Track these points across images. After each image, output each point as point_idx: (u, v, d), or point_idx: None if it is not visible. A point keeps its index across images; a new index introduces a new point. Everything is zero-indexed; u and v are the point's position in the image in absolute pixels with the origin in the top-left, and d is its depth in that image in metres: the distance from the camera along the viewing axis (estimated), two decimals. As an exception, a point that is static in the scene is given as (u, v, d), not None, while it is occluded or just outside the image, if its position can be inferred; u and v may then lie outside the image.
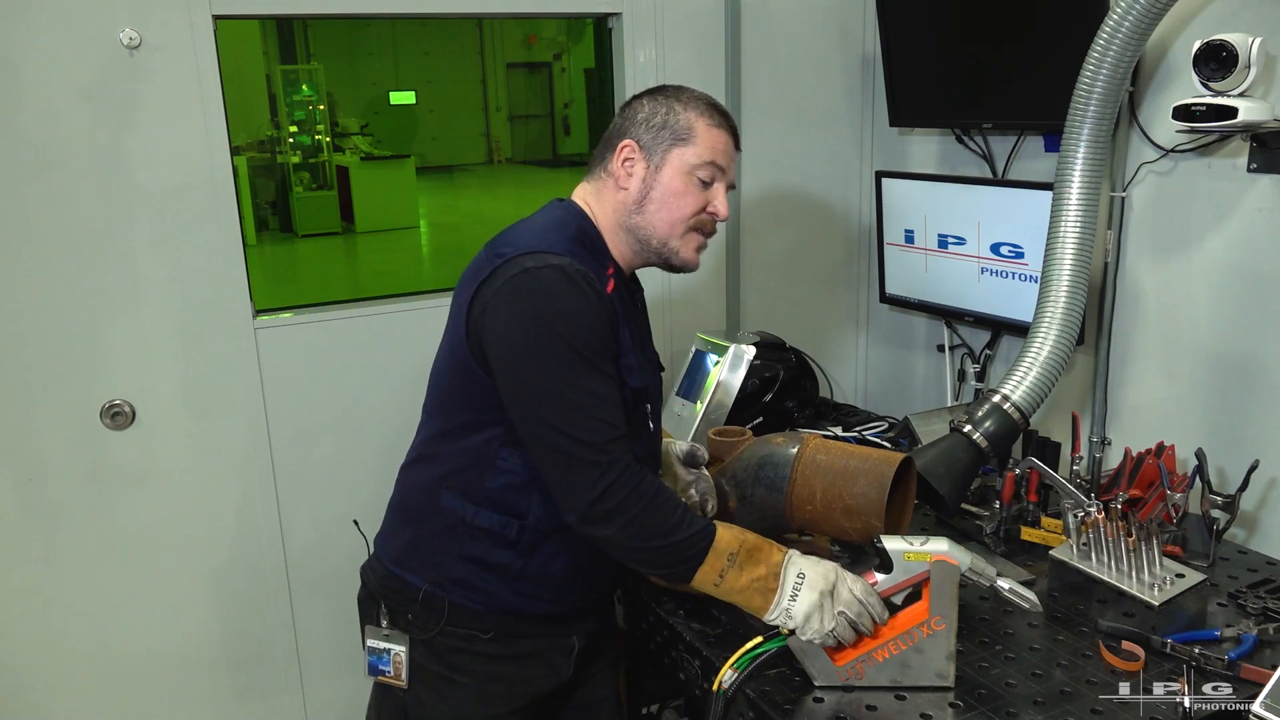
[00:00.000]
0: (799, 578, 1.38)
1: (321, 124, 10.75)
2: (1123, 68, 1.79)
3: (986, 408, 1.80)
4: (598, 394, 1.35)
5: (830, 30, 2.70)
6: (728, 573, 1.38)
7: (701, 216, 1.49)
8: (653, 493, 1.36)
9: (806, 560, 1.41)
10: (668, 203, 1.47)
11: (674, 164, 1.46)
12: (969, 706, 1.37)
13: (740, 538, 1.40)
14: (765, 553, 1.40)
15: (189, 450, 2.18)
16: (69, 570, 2.13)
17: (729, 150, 1.50)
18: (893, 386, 2.91)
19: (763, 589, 1.38)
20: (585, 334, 1.35)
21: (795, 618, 1.37)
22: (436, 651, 1.52)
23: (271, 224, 10.38)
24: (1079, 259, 1.85)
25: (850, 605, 1.37)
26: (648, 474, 1.38)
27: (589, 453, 1.34)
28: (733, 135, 1.52)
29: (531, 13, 2.50)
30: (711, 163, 1.47)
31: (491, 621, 1.50)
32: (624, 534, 1.36)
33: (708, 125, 1.48)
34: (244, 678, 2.34)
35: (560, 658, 1.58)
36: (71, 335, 2.04)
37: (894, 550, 1.40)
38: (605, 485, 1.33)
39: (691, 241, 1.51)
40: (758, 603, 1.39)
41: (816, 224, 2.83)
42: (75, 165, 1.97)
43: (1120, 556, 1.70)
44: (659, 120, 1.48)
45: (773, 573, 1.39)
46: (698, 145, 1.46)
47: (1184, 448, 1.91)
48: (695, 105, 1.49)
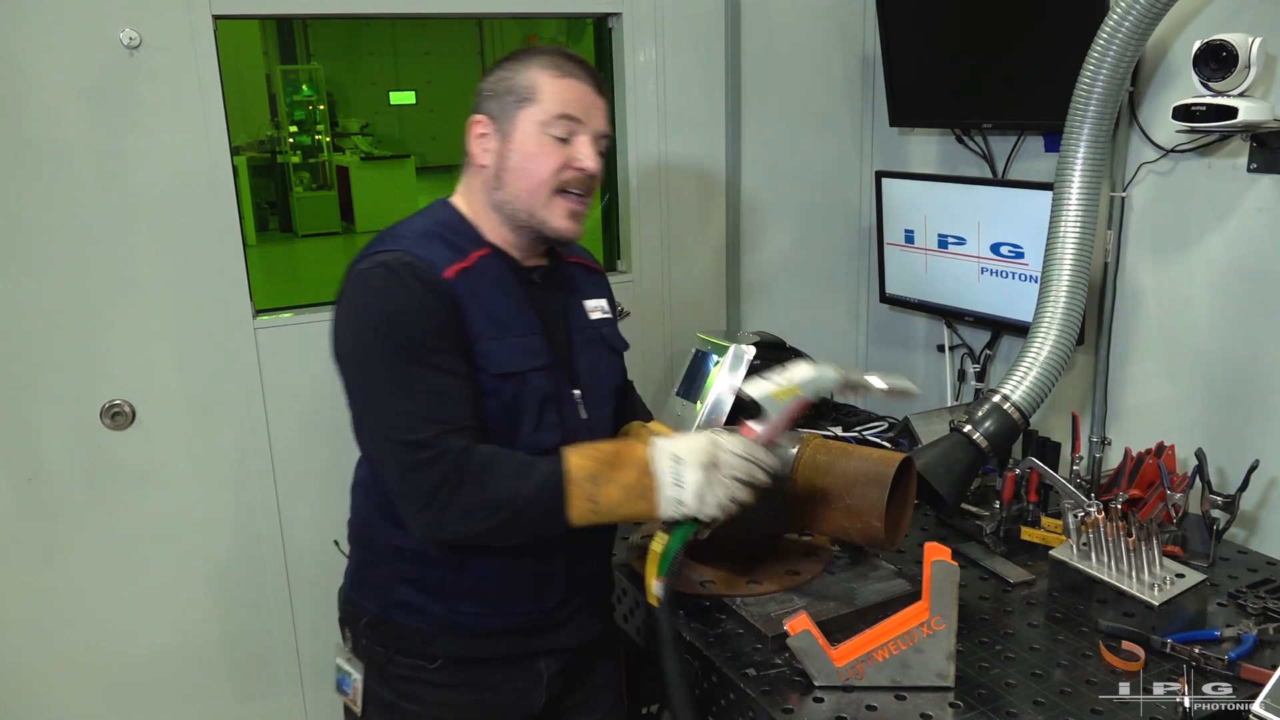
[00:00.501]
0: (675, 461, 1.29)
1: (321, 124, 10.75)
2: (1123, 68, 1.79)
3: (986, 408, 1.80)
4: (428, 389, 1.28)
5: (830, 30, 2.69)
6: (598, 495, 1.29)
7: (564, 175, 1.36)
8: (479, 467, 1.28)
9: (676, 442, 1.32)
10: (523, 169, 1.36)
11: (524, 126, 1.35)
12: (969, 706, 1.37)
13: (595, 454, 1.31)
14: (628, 455, 1.31)
15: (189, 450, 2.18)
16: (69, 570, 2.13)
17: (583, 98, 1.37)
18: (893, 386, 2.90)
19: (641, 491, 1.30)
20: (409, 329, 1.28)
21: (688, 502, 1.29)
22: (387, 679, 1.48)
23: (271, 224, 10.37)
24: (1079, 259, 1.85)
25: (737, 467, 1.29)
26: (474, 450, 1.28)
27: (413, 453, 1.27)
28: (589, 81, 1.38)
29: (531, 13, 2.50)
30: (563, 115, 1.35)
31: (441, 646, 1.44)
32: (471, 523, 1.29)
33: (553, 77, 1.36)
34: (244, 678, 2.34)
35: (527, 685, 1.49)
36: (71, 335, 2.04)
37: (760, 395, 1.32)
38: (433, 484, 1.27)
39: (559, 207, 1.37)
40: (644, 507, 1.31)
41: (816, 224, 2.83)
42: (75, 165, 1.97)
43: (1120, 556, 1.70)
44: (503, 87, 1.37)
45: (643, 470, 1.30)
46: (545, 100, 1.35)
47: (1184, 448, 1.91)
48: (537, 60, 1.37)
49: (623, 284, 2.60)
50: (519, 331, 1.38)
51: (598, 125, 1.39)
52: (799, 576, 1.69)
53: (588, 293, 1.55)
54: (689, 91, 2.56)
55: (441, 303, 1.31)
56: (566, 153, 1.36)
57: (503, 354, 1.35)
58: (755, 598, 1.63)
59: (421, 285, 1.30)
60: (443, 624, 1.43)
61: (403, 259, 1.31)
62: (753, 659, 1.50)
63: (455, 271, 1.33)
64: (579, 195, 1.39)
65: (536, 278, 1.46)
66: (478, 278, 1.36)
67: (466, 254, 1.37)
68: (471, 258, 1.37)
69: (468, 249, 1.38)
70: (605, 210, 2.73)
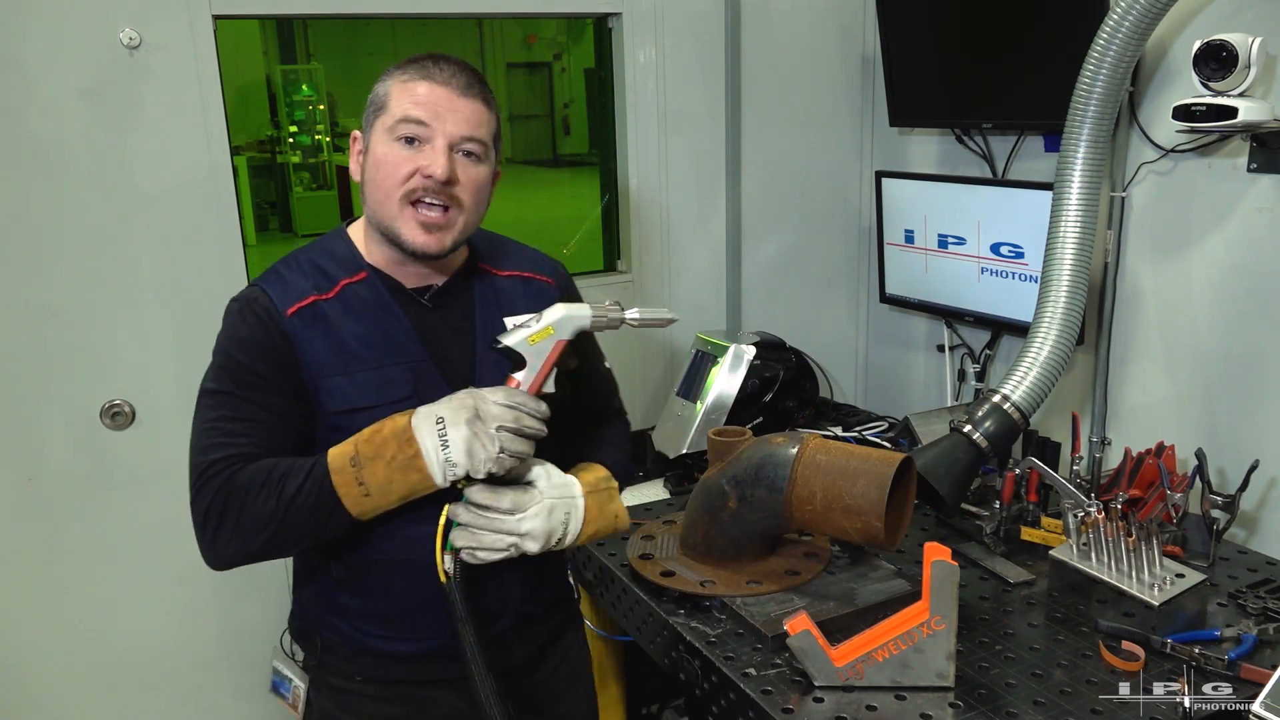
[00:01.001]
0: (438, 423, 1.23)
1: (321, 124, 10.74)
2: (1123, 68, 1.79)
3: (986, 408, 1.80)
4: (237, 417, 1.28)
5: (830, 30, 2.70)
6: (364, 477, 1.23)
7: (413, 182, 1.29)
8: (244, 484, 1.24)
9: (436, 405, 1.26)
10: (374, 180, 1.30)
11: (375, 137, 1.31)
12: (969, 706, 1.37)
13: (355, 437, 1.26)
14: (386, 429, 1.25)
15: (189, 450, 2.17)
16: (69, 570, 2.13)
17: (432, 99, 1.28)
18: (893, 386, 2.91)
19: (406, 462, 1.23)
20: (227, 360, 1.31)
21: (459, 462, 1.23)
22: (323, 689, 1.46)
23: (271, 224, 10.36)
24: (1079, 259, 1.85)
25: (503, 416, 1.24)
26: (238, 470, 1.25)
27: (194, 479, 1.26)
28: (448, 83, 1.30)
29: (531, 13, 2.51)
30: (406, 118, 1.28)
31: (363, 664, 1.41)
32: (245, 541, 1.25)
33: (402, 83, 1.30)
34: (244, 678, 2.34)
35: (465, 704, 1.34)
36: (71, 335, 2.04)
37: (516, 343, 1.29)
38: (203, 512, 1.25)
39: (410, 218, 1.30)
40: (415, 479, 1.24)
41: (816, 224, 2.83)
42: (75, 165, 1.98)
43: (1120, 556, 1.70)
44: (369, 100, 1.34)
45: (404, 439, 1.23)
46: (390, 108, 1.29)
47: (1184, 448, 1.91)
48: (397, 69, 1.32)
49: (623, 284, 2.60)
50: (372, 364, 1.32)
51: (454, 130, 1.29)
52: (799, 576, 1.69)
53: (517, 307, 1.44)
54: (689, 91, 2.56)
55: (273, 341, 1.30)
56: (413, 158, 1.28)
57: (349, 389, 1.31)
58: (755, 598, 1.63)
59: (258, 321, 1.31)
60: (355, 644, 1.41)
61: (253, 294, 1.34)
62: (753, 659, 1.50)
63: (300, 308, 1.31)
64: (433, 205, 1.30)
65: (427, 299, 1.40)
66: (337, 309, 1.33)
67: (335, 283, 1.35)
68: (336, 288, 1.34)
69: (338, 277, 1.35)
70: (605, 210, 2.73)
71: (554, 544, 1.36)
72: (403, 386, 1.34)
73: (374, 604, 1.39)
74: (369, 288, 1.36)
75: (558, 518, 1.35)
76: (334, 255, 1.38)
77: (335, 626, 1.42)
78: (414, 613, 1.38)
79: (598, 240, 2.77)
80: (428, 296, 1.40)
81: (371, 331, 1.34)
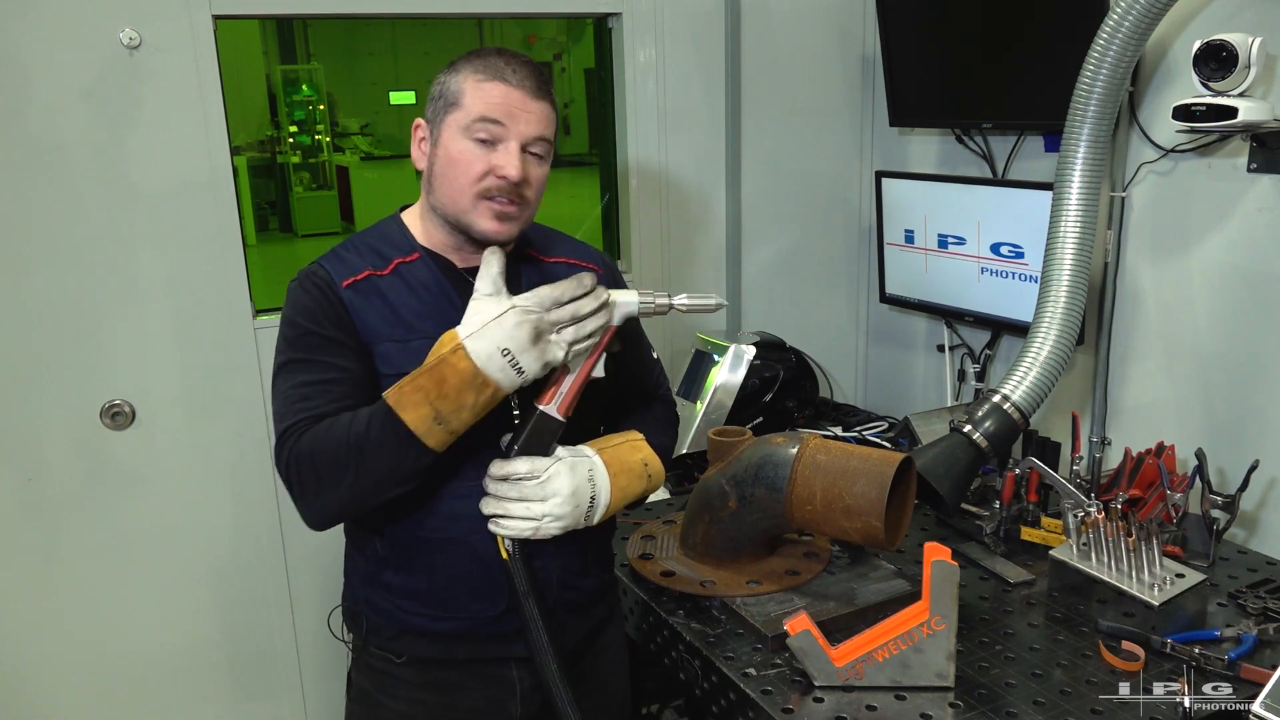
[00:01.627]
0: (505, 355, 1.23)
1: (321, 124, 10.74)
2: (1123, 68, 1.79)
3: (986, 408, 1.80)
4: (305, 382, 1.33)
5: (830, 30, 2.70)
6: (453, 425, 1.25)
7: (486, 182, 1.33)
8: (314, 436, 1.28)
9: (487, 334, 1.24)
10: (448, 174, 1.35)
11: (449, 131, 1.34)
12: (969, 706, 1.37)
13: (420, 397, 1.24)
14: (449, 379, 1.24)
15: (189, 450, 2.18)
16: (69, 570, 2.13)
17: (508, 102, 1.33)
18: (893, 386, 2.91)
19: (489, 400, 1.25)
20: (293, 331, 1.36)
21: (530, 370, 1.25)
22: (363, 669, 1.50)
23: (271, 224, 10.36)
24: (1079, 259, 1.85)
25: (560, 318, 1.26)
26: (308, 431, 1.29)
27: (278, 444, 1.32)
28: (521, 84, 1.34)
29: (531, 13, 2.51)
30: (483, 118, 1.32)
31: (405, 645, 1.45)
32: (329, 488, 1.28)
33: (477, 82, 1.33)
34: (244, 678, 2.34)
35: (501, 694, 1.46)
36: (71, 335, 2.04)
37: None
38: (286, 474, 1.31)
39: (485, 211, 1.35)
40: (494, 404, 1.27)
41: (816, 224, 2.83)
42: (75, 165, 1.98)
43: (1120, 556, 1.70)
44: (437, 91, 1.37)
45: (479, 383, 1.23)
46: (467, 104, 1.33)
47: (1184, 448, 1.91)
48: (468, 65, 1.35)
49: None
50: (425, 334, 1.34)
51: (526, 130, 1.34)
52: (799, 576, 1.69)
53: None
54: (689, 91, 2.56)
55: (333, 307, 1.35)
56: (489, 159, 1.33)
57: (401, 355, 1.35)
58: (755, 598, 1.63)
59: (318, 290, 1.36)
60: (399, 623, 1.44)
61: (312, 269, 1.39)
62: (753, 659, 1.50)
63: (355, 280, 1.37)
64: (506, 201, 1.35)
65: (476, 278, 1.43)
66: (391, 284, 1.39)
67: (389, 261, 1.40)
68: (391, 266, 1.40)
69: (392, 257, 1.41)
70: (605, 210, 2.73)
71: (588, 506, 1.37)
72: None
73: (416, 581, 1.42)
74: (423, 267, 1.41)
75: (581, 474, 1.37)
76: (388, 238, 1.43)
77: (379, 605, 1.45)
78: (454, 590, 1.41)
79: (598, 240, 2.77)
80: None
81: (424, 305, 1.39)
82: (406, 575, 1.42)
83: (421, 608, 1.43)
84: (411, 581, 1.42)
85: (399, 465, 1.27)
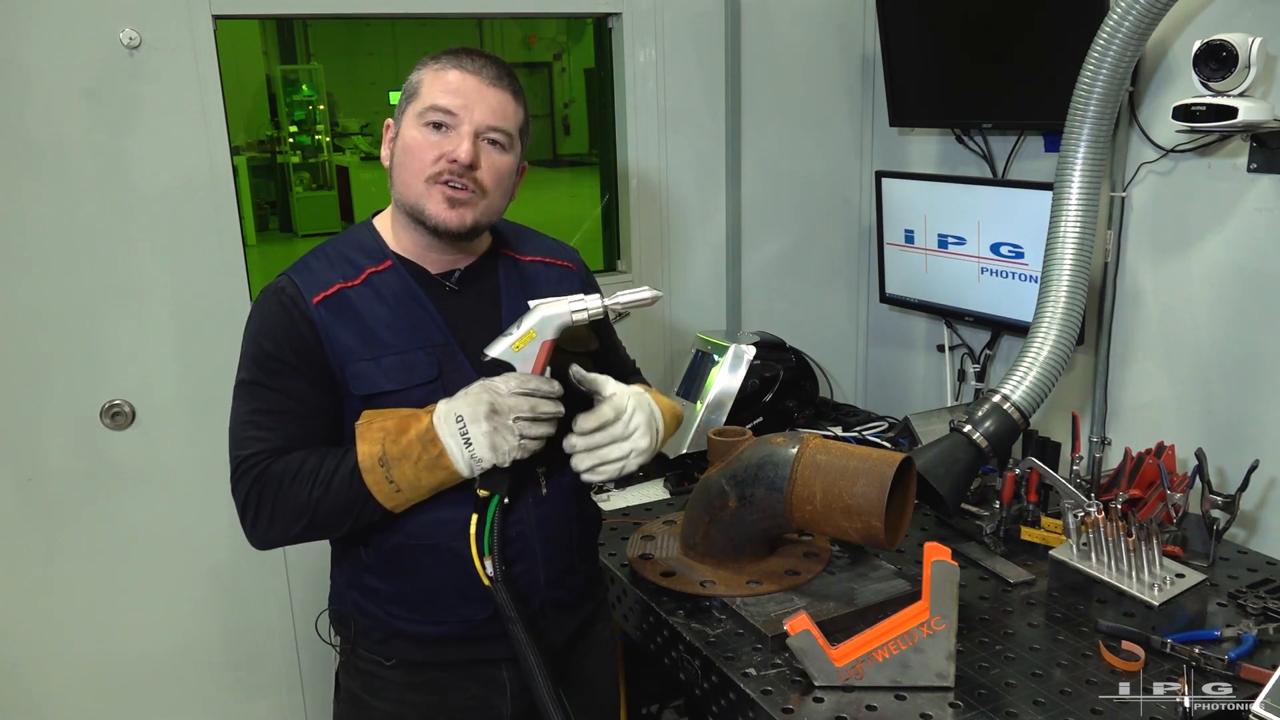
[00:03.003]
0: (458, 421, 1.28)
1: (321, 124, 10.74)
2: (1123, 68, 1.79)
3: (986, 408, 1.80)
4: (265, 408, 1.34)
5: (830, 30, 2.70)
6: (393, 475, 1.29)
7: (438, 165, 1.34)
8: (278, 476, 1.31)
9: (454, 401, 1.30)
10: (403, 162, 1.36)
11: (406, 123, 1.36)
12: (969, 706, 1.37)
13: (379, 435, 1.30)
14: (410, 429, 1.30)
15: (189, 450, 2.18)
16: (69, 570, 2.13)
17: (461, 89, 1.34)
18: (893, 386, 2.91)
19: (433, 462, 1.29)
20: (256, 349, 1.35)
21: (483, 457, 1.28)
22: (351, 671, 1.49)
23: (271, 224, 10.36)
24: (1079, 259, 1.85)
25: (518, 406, 1.28)
26: (271, 463, 1.32)
27: (235, 467, 1.34)
28: (478, 73, 1.35)
29: (531, 13, 2.51)
30: (434, 106, 1.33)
31: (394, 647, 1.44)
32: (288, 529, 1.32)
33: (434, 72, 1.36)
34: (244, 677, 2.34)
35: (490, 693, 1.47)
36: (71, 335, 2.04)
37: (502, 353, 1.31)
38: (242, 500, 1.33)
39: (437, 195, 1.34)
40: (443, 475, 1.30)
41: (816, 224, 2.83)
42: (75, 165, 1.98)
43: (1120, 556, 1.70)
44: (403, 90, 1.39)
45: (428, 439, 1.28)
46: (421, 95, 1.35)
47: (1184, 448, 1.91)
48: (432, 59, 1.38)
49: (623, 284, 2.59)
50: (398, 349, 1.36)
51: (480, 118, 1.34)
52: (799, 576, 1.69)
53: (542, 291, 1.47)
54: (689, 91, 2.56)
55: (298, 329, 1.34)
56: (440, 144, 1.33)
57: (374, 373, 1.35)
58: (755, 598, 1.63)
59: (283, 309, 1.35)
60: (387, 627, 1.44)
61: (280, 283, 1.38)
62: (753, 659, 1.50)
63: (325, 295, 1.35)
64: (457, 187, 1.35)
65: (451, 283, 1.43)
66: (362, 296, 1.37)
67: (361, 271, 1.39)
68: (362, 276, 1.38)
69: (364, 265, 1.39)
70: (605, 210, 2.73)
71: (656, 436, 1.43)
72: (427, 370, 1.37)
73: (402, 587, 1.42)
74: (394, 275, 1.40)
75: (645, 405, 1.42)
76: (360, 245, 1.43)
77: (366, 610, 1.45)
78: (441, 596, 1.41)
79: (598, 240, 2.77)
80: (453, 280, 1.44)
81: (397, 317, 1.38)
82: (394, 581, 1.42)
83: (410, 612, 1.42)
84: (399, 587, 1.42)
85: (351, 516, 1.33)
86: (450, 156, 1.33)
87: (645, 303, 1.36)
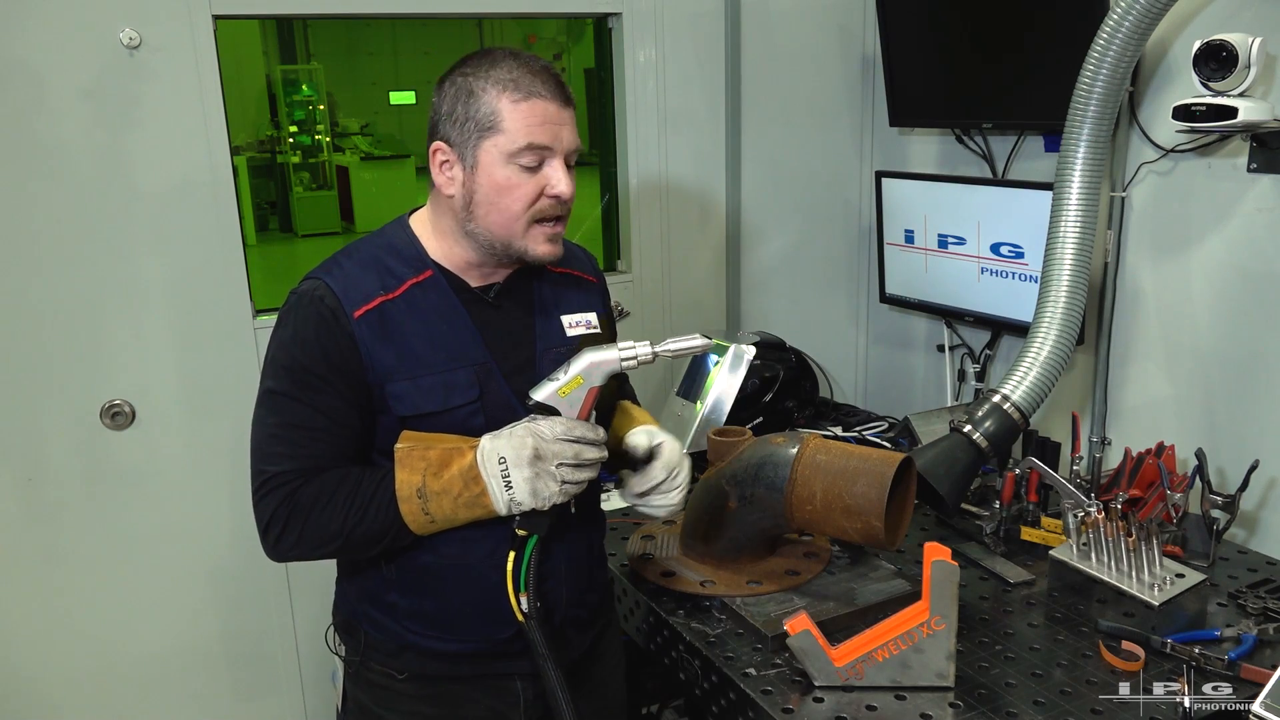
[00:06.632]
0: (501, 463, 1.26)
1: (321, 124, 10.74)
2: (1123, 68, 1.79)
3: (986, 408, 1.80)
4: (295, 423, 1.29)
5: (830, 30, 2.70)
6: (430, 508, 1.27)
7: (539, 204, 1.30)
8: (310, 500, 1.28)
9: (498, 440, 1.28)
10: (495, 203, 1.29)
11: (488, 159, 1.28)
12: (969, 706, 1.37)
13: (420, 465, 1.27)
14: (453, 463, 1.28)
15: (189, 450, 2.18)
16: (69, 570, 2.13)
17: (548, 119, 1.28)
18: (893, 386, 2.91)
19: (473, 500, 1.27)
20: (289, 360, 1.29)
21: (524, 501, 1.27)
22: (361, 683, 1.46)
23: (271, 224, 10.36)
24: (1079, 259, 1.85)
25: (562, 453, 1.26)
26: (305, 484, 1.28)
27: (258, 482, 1.29)
28: (553, 96, 1.28)
29: (531, 13, 2.51)
30: (529, 145, 1.27)
31: (407, 660, 1.42)
32: (313, 550, 1.30)
33: (513, 102, 1.26)
34: (244, 678, 2.34)
35: (504, 705, 1.45)
36: (71, 335, 2.04)
37: (547, 397, 1.28)
38: (267, 517, 1.28)
39: (538, 234, 1.32)
40: (480, 512, 1.28)
41: (816, 224, 2.83)
42: (76, 165, 1.98)
43: (1120, 556, 1.70)
44: (460, 112, 1.28)
45: (470, 477, 1.26)
46: (507, 131, 1.27)
47: (1184, 448, 1.91)
48: (496, 82, 1.27)
49: (623, 284, 2.60)
50: (438, 368, 1.32)
51: (568, 144, 1.31)
52: (799, 576, 1.69)
53: (571, 306, 1.47)
54: (689, 91, 2.56)
55: (336, 342, 1.28)
56: (538, 181, 1.29)
57: (414, 394, 1.31)
58: (755, 598, 1.63)
59: (322, 321, 1.29)
60: (400, 640, 1.42)
61: (317, 291, 1.30)
62: (753, 659, 1.50)
63: (367, 310, 1.30)
64: (557, 220, 1.34)
65: (490, 297, 1.40)
66: (402, 310, 1.32)
67: (401, 282, 1.33)
68: (403, 287, 1.33)
69: (404, 276, 1.34)
70: (605, 210, 2.73)
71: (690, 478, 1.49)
72: (469, 390, 1.34)
73: (424, 604, 1.39)
74: (435, 287, 1.35)
75: (686, 457, 1.49)
76: (398, 251, 1.36)
77: (380, 623, 1.42)
78: (464, 614, 1.40)
79: (598, 240, 2.77)
80: (492, 294, 1.40)
81: (437, 333, 1.34)
82: (415, 598, 1.39)
83: (429, 629, 1.40)
84: (420, 604, 1.39)
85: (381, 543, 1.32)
86: (552, 192, 1.30)
87: (695, 351, 1.34)
